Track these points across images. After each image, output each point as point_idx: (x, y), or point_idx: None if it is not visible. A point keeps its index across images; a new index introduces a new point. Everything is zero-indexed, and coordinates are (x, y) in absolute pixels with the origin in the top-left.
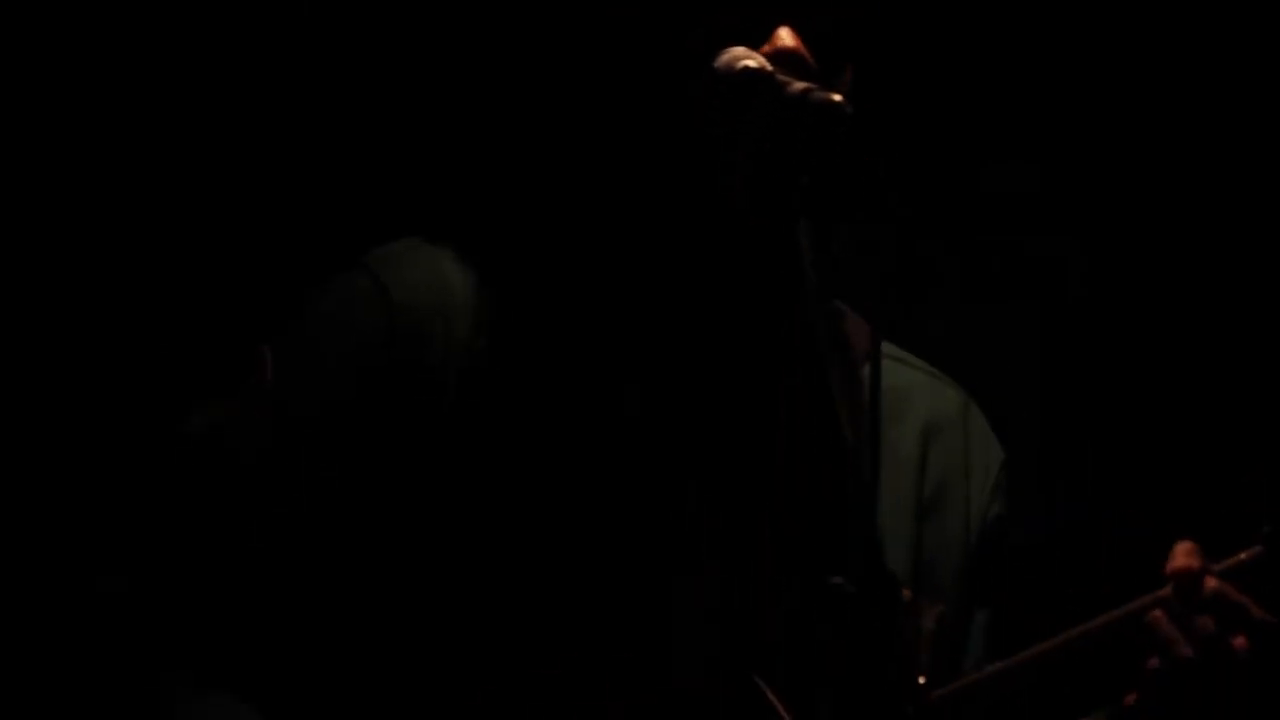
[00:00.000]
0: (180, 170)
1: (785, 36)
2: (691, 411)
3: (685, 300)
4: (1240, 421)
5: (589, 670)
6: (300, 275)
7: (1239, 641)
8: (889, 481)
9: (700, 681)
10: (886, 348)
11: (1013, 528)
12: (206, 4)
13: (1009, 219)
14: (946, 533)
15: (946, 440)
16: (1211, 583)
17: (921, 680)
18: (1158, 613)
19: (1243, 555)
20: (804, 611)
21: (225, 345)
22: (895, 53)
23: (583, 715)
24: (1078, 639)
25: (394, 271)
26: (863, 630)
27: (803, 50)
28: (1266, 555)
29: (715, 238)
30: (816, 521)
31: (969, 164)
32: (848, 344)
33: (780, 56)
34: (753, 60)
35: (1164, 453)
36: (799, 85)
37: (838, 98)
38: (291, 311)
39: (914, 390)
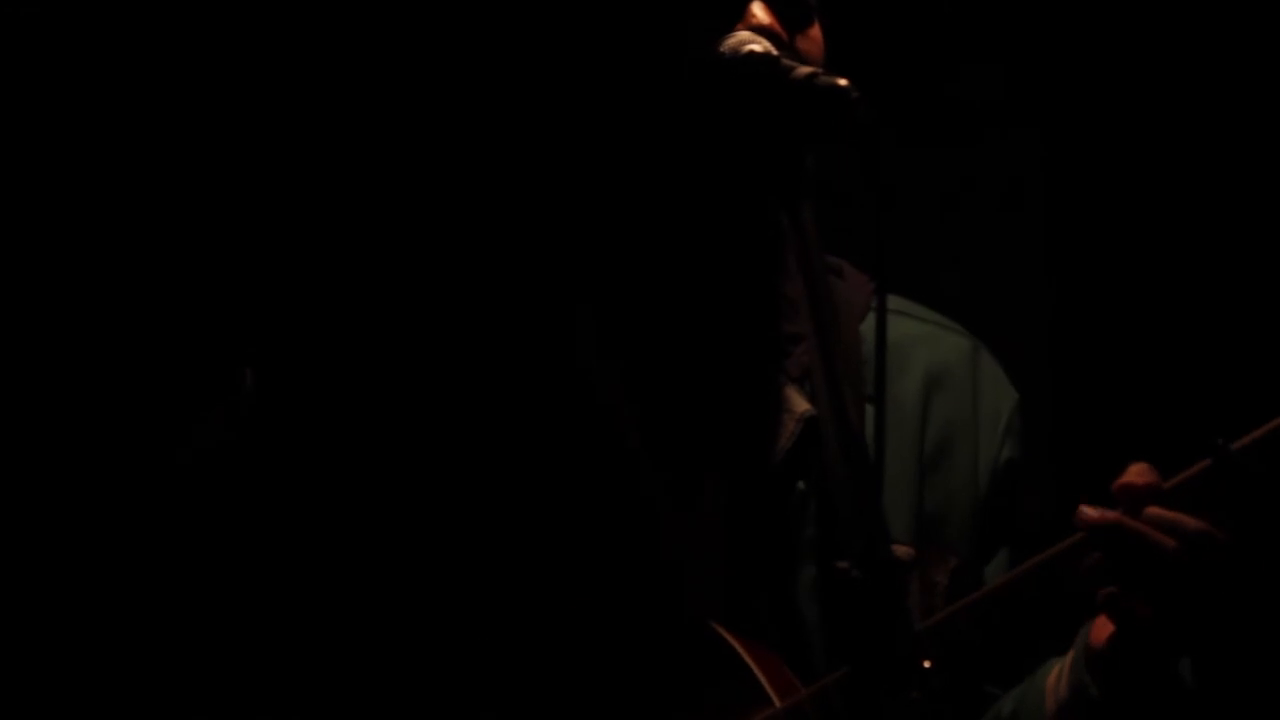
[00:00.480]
0: (162, 194)
1: (759, 12)
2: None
3: (685, 283)
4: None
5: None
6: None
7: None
8: (889, 438)
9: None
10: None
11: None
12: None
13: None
14: (953, 483)
15: (951, 389)
16: (1152, 510)
17: (927, 665)
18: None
19: (1194, 469)
20: (806, 594)
21: (209, 367)
22: None
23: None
24: (1029, 572)
25: None
26: (868, 615)
27: (777, 25)
28: (1215, 468)
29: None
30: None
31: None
32: (845, 300)
33: (756, 31)
34: (758, 45)
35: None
36: (804, 69)
37: (843, 82)
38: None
39: (915, 343)
